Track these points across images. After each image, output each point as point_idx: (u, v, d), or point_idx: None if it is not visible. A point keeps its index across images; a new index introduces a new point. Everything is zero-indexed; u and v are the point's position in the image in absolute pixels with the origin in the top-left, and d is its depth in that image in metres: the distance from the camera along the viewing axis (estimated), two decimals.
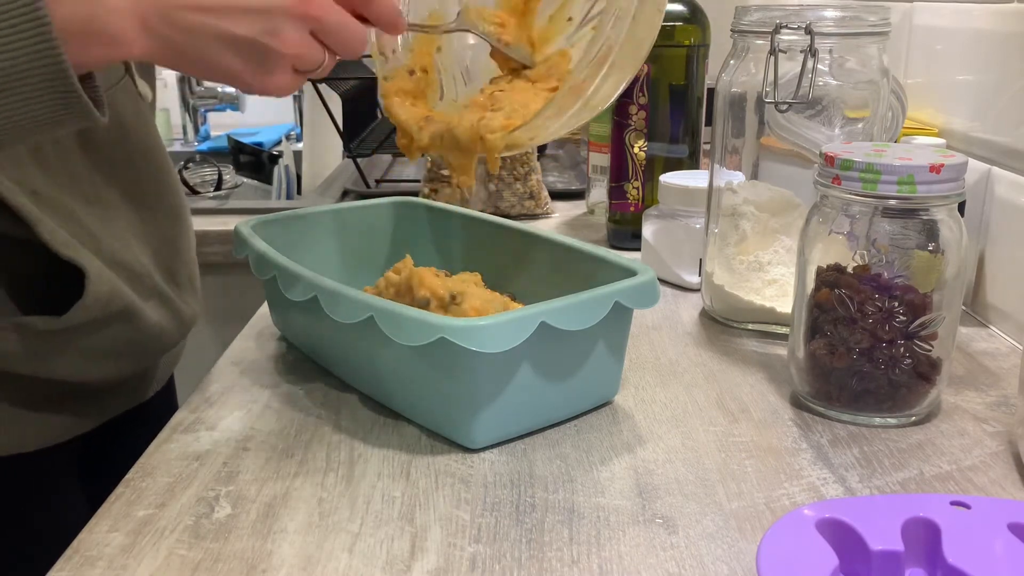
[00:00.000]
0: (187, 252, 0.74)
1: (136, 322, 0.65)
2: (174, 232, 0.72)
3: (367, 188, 1.27)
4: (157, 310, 0.67)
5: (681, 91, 0.93)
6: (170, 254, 0.71)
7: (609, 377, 0.61)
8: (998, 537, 0.40)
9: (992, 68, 0.78)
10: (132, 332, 0.65)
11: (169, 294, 0.70)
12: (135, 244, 0.66)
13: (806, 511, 0.41)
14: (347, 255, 0.77)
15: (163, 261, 0.70)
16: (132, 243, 0.66)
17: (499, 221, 0.74)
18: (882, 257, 0.57)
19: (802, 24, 0.65)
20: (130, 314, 0.64)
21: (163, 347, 0.71)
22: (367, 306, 0.54)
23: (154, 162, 0.71)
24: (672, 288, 0.85)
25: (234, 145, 1.69)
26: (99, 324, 0.62)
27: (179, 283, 0.72)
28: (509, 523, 0.48)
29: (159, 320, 0.68)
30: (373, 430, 0.58)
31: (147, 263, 0.67)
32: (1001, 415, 0.60)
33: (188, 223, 0.76)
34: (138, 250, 0.67)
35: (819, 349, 0.59)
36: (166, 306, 0.69)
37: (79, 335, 0.61)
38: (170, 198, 0.73)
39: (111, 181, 0.66)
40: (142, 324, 0.65)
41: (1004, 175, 0.76)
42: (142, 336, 0.66)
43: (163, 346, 0.71)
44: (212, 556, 0.45)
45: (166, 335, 0.69)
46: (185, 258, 0.74)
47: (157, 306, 0.67)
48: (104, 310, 0.61)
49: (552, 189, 1.19)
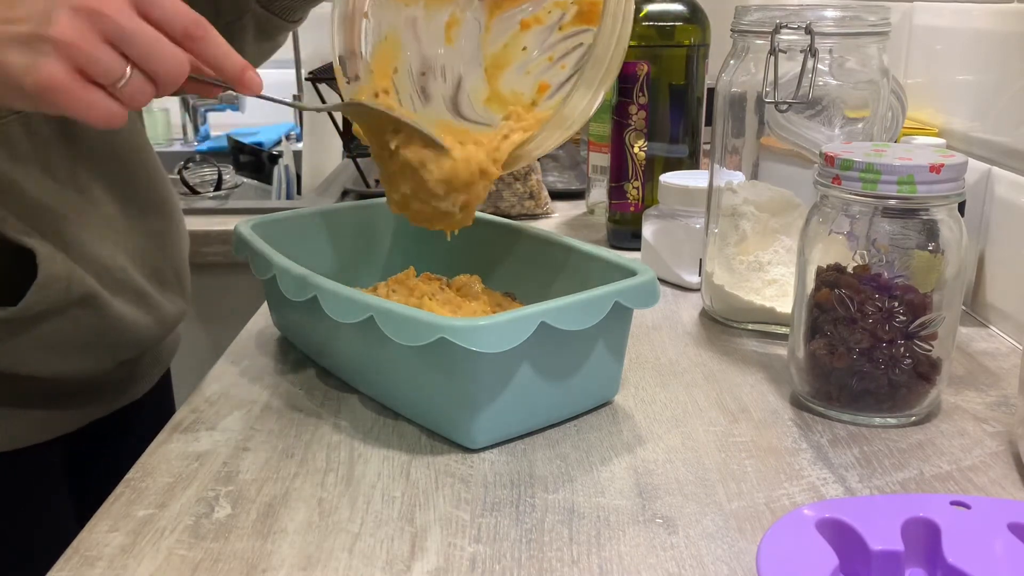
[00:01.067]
0: (174, 249, 0.74)
1: (102, 312, 0.64)
2: (161, 229, 0.72)
3: (367, 188, 1.27)
4: (129, 305, 0.67)
5: (681, 91, 0.93)
6: (155, 251, 0.71)
7: (609, 377, 0.61)
8: (998, 537, 0.40)
9: (992, 68, 0.78)
10: (98, 322, 0.64)
11: (147, 291, 0.69)
12: (112, 238, 0.66)
13: (806, 511, 0.41)
14: (347, 255, 0.77)
15: (146, 258, 0.69)
16: (108, 237, 0.66)
17: (499, 221, 0.74)
18: (882, 257, 0.57)
19: (802, 24, 0.65)
20: (93, 302, 0.63)
21: (140, 343, 0.70)
22: (367, 306, 0.54)
23: (141, 158, 0.71)
24: (672, 288, 0.85)
25: (234, 145, 1.69)
26: (59, 311, 0.61)
27: (163, 280, 0.71)
28: (509, 523, 0.48)
29: (131, 316, 0.67)
30: (373, 430, 0.58)
31: (123, 259, 0.67)
32: (1001, 415, 0.60)
33: (178, 221, 0.75)
34: (114, 245, 0.66)
35: (819, 349, 0.59)
36: (142, 302, 0.68)
37: (39, 323, 0.61)
38: (159, 196, 0.72)
39: (94, 174, 0.65)
40: (110, 315, 0.65)
41: (1004, 175, 0.76)
42: (111, 328, 0.65)
43: (140, 342, 0.70)
44: (212, 556, 0.45)
45: (142, 332, 0.69)
46: (172, 256, 0.73)
47: (129, 301, 0.67)
48: (63, 296, 0.61)
49: (552, 189, 1.19)
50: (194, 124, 1.99)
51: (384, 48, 0.64)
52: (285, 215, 0.75)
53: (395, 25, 0.64)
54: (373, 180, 1.30)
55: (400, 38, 0.64)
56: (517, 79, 0.64)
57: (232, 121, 1.97)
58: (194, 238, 1.15)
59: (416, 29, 0.65)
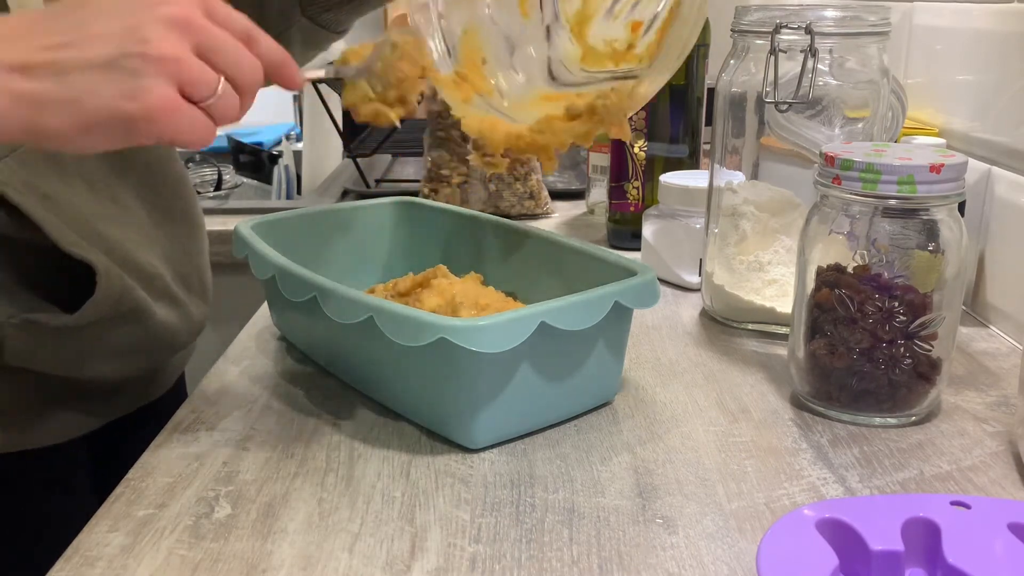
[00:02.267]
0: (199, 256, 0.75)
1: (146, 322, 0.65)
2: (187, 236, 0.72)
3: (367, 188, 1.27)
4: (167, 311, 0.67)
5: (681, 91, 0.93)
6: (182, 258, 0.71)
7: (609, 377, 0.61)
8: (998, 537, 0.40)
9: (992, 68, 0.78)
10: (142, 332, 0.65)
11: (180, 296, 0.70)
12: (147, 246, 0.67)
13: (806, 511, 0.41)
14: (347, 255, 0.77)
15: (175, 264, 0.70)
16: (144, 245, 0.66)
17: (499, 221, 0.74)
18: (882, 257, 0.57)
19: (802, 24, 0.65)
20: (141, 314, 0.64)
21: (173, 348, 0.71)
22: (367, 306, 0.54)
23: (169, 167, 0.71)
24: (672, 288, 0.85)
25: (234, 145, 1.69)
26: (109, 323, 0.62)
27: (190, 286, 0.72)
28: (509, 523, 0.48)
29: (169, 321, 0.68)
30: (373, 430, 0.58)
31: (159, 265, 0.67)
32: (1001, 415, 0.60)
33: (201, 228, 0.76)
34: (150, 252, 0.67)
35: (819, 349, 0.59)
36: (176, 308, 0.69)
37: (90, 333, 0.61)
38: (184, 203, 0.73)
39: (127, 183, 0.66)
40: (152, 324, 0.65)
41: (1004, 175, 0.75)
42: (152, 336, 0.66)
43: (173, 347, 0.71)
44: (212, 556, 0.45)
45: (176, 336, 0.69)
46: (197, 262, 0.74)
47: (167, 307, 0.68)
48: (115, 308, 0.61)
49: (552, 189, 1.19)
50: None
51: (466, 43, 0.63)
52: (285, 215, 0.75)
53: (470, 19, 0.63)
54: (373, 180, 1.31)
55: (478, 29, 0.63)
56: (606, 27, 0.62)
57: None
58: None
59: (491, 16, 0.64)
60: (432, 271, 0.69)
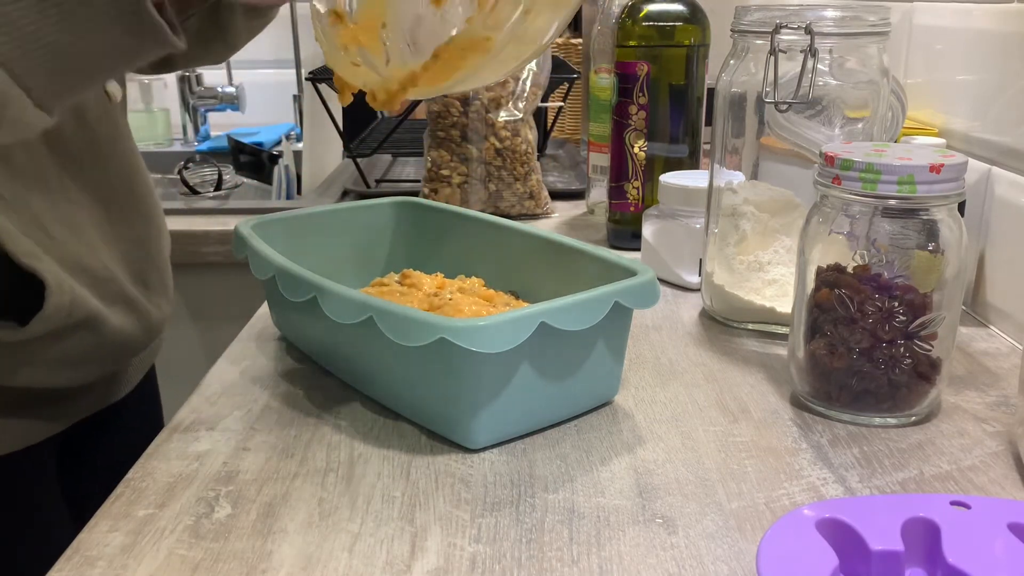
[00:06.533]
0: (158, 254, 0.74)
1: (100, 329, 0.64)
2: (145, 234, 0.72)
3: (367, 188, 1.27)
4: (122, 315, 0.67)
5: (681, 91, 0.93)
6: (140, 256, 0.71)
7: (609, 377, 0.61)
8: (998, 537, 0.40)
9: (992, 68, 0.78)
10: (96, 339, 0.64)
11: (136, 297, 0.69)
12: (102, 247, 0.66)
13: (806, 511, 0.41)
14: (347, 255, 0.77)
15: (132, 264, 0.69)
16: (99, 246, 0.66)
17: (499, 221, 0.74)
18: (882, 257, 0.57)
19: (802, 24, 0.65)
20: (93, 322, 0.63)
21: (130, 352, 0.71)
22: (367, 306, 0.54)
23: (124, 163, 0.70)
24: (672, 288, 0.85)
25: (234, 145, 1.69)
26: (61, 334, 0.61)
27: (149, 285, 0.72)
28: (509, 523, 0.48)
29: (124, 326, 0.67)
30: (373, 430, 0.58)
31: (114, 267, 0.67)
32: (1001, 415, 0.60)
33: (161, 225, 0.75)
34: (105, 254, 0.66)
35: (819, 349, 0.59)
36: (132, 310, 0.69)
37: (41, 345, 0.61)
38: (141, 200, 0.72)
39: (80, 182, 0.65)
40: (106, 331, 0.65)
41: (1004, 175, 0.76)
42: (106, 343, 0.66)
43: (129, 351, 0.70)
44: (212, 556, 0.45)
45: (132, 340, 0.69)
46: (156, 260, 0.73)
47: (122, 311, 0.67)
48: (66, 320, 0.61)
49: (552, 189, 1.19)
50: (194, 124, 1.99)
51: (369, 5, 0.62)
52: (285, 215, 0.75)
53: None
54: (373, 180, 1.31)
55: None
56: None
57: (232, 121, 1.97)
58: (194, 238, 1.16)
59: None
60: None
